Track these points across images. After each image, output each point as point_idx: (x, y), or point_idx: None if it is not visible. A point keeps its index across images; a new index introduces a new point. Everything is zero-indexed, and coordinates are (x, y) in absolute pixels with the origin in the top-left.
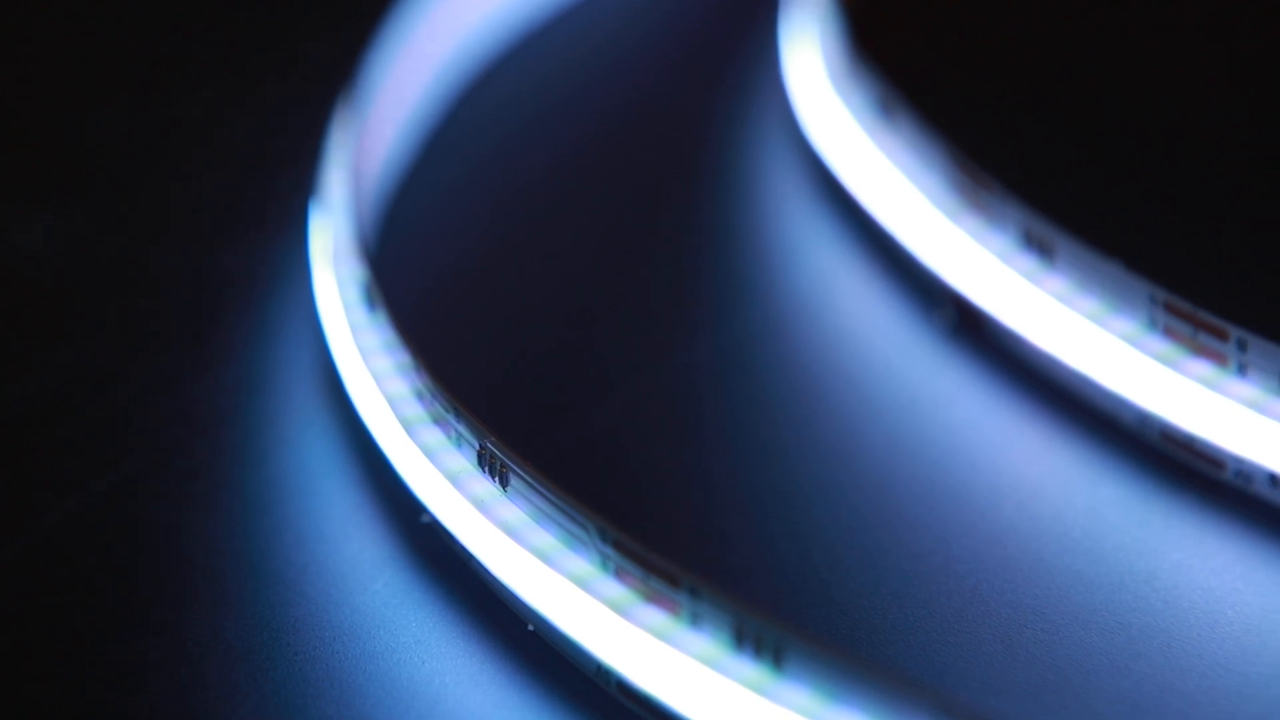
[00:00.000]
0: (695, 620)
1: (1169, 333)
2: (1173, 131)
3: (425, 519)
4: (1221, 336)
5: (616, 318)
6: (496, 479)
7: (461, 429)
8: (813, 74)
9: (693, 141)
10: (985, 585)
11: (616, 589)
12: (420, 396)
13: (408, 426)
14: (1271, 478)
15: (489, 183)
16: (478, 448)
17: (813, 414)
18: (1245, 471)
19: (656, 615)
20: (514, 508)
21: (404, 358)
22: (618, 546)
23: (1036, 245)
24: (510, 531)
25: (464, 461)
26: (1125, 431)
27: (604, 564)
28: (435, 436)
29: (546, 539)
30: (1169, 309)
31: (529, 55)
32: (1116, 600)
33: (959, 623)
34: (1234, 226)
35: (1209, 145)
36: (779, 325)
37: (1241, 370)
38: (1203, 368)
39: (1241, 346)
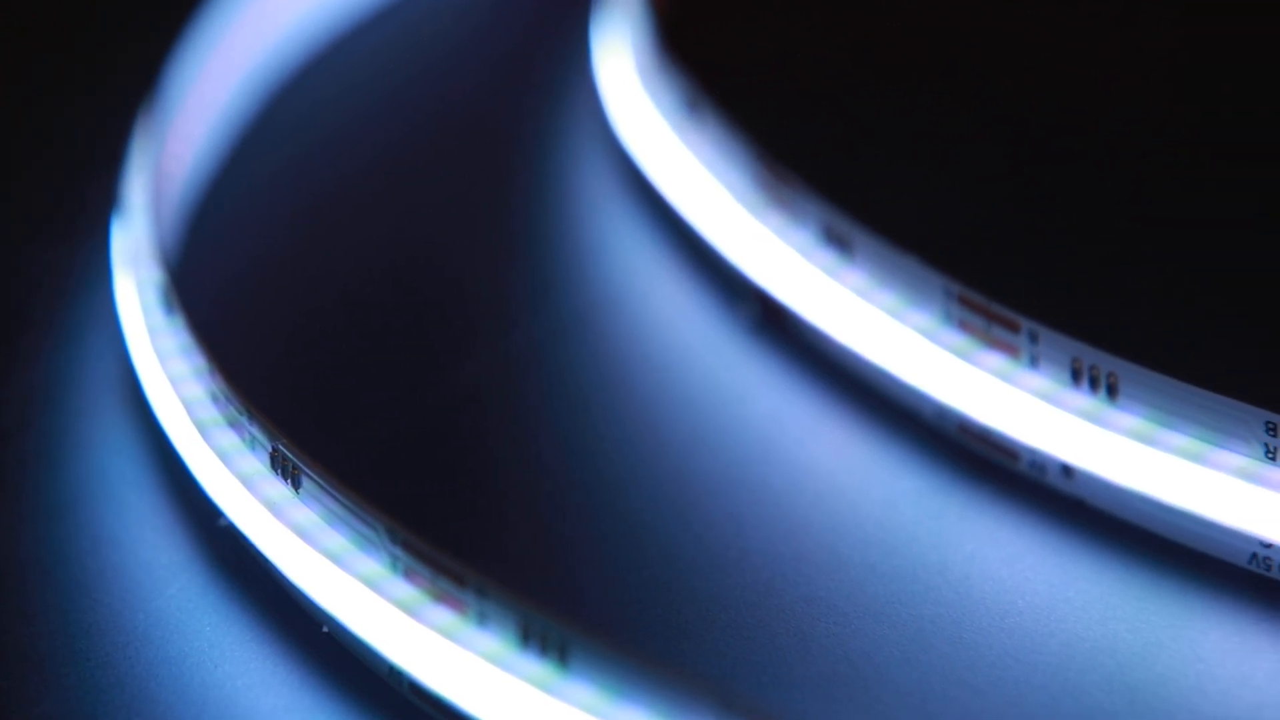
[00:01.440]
0: (482, 619)
1: (964, 326)
2: (965, 127)
3: (222, 523)
4: (1013, 329)
5: (423, 317)
6: (289, 481)
7: (254, 431)
8: (623, 74)
9: (506, 141)
10: (780, 579)
11: (406, 589)
12: (215, 400)
13: (203, 430)
14: (1064, 468)
15: (300, 185)
16: (270, 450)
17: (616, 409)
18: (1039, 462)
19: (444, 615)
20: (306, 510)
21: (199, 361)
22: (406, 547)
23: (836, 241)
24: (302, 533)
25: (257, 464)
26: (924, 424)
27: (393, 565)
28: (230, 439)
29: (338, 540)
30: (963, 302)
31: (343, 57)
32: (908, 592)
33: (753, 616)
34: (1024, 219)
35: (1000, 140)
36: (586, 321)
37: (1033, 362)
38: (996, 360)
39: (1033, 338)
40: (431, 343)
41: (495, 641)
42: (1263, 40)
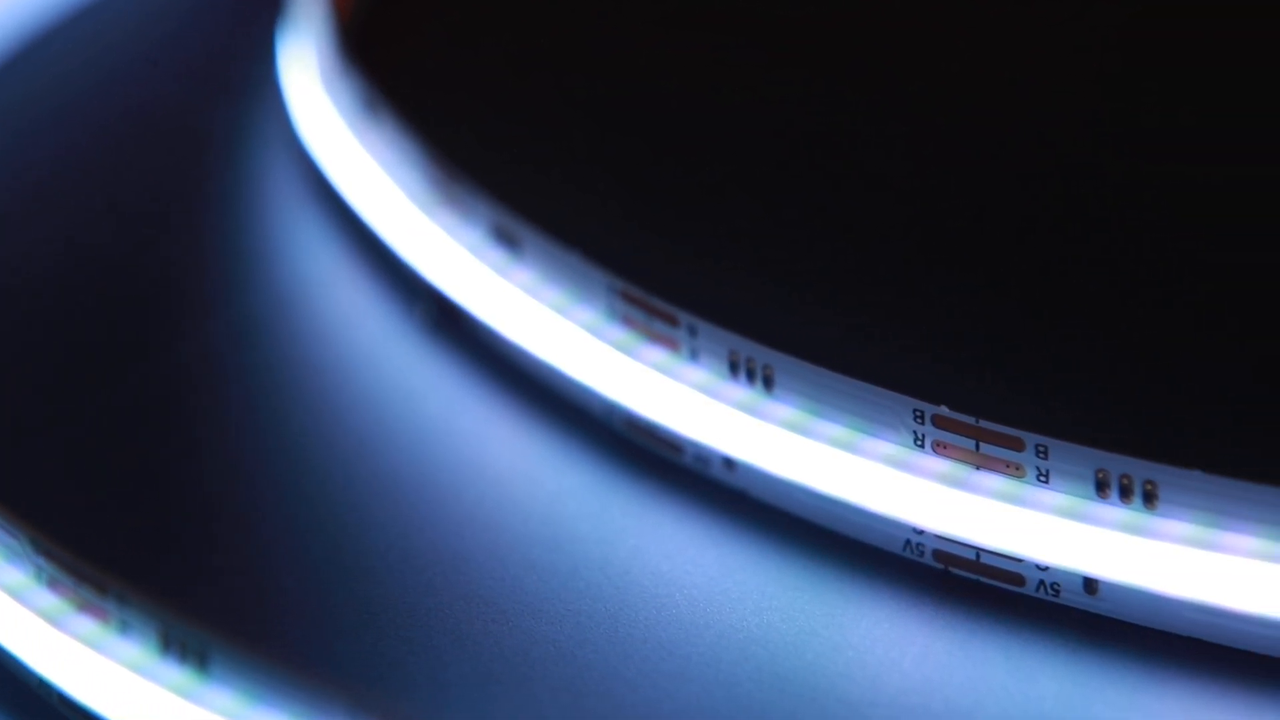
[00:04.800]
0: (124, 628)
1: (627, 321)
2: (629, 126)
3: None
4: (672, 323)
5: (103, 322)
6: None
7: None
8: (306, 77)
9: (193, 144)
10: (440, 579)
11: (50, 599)
12: None
13: None
14: (726, 460)
15: None
16: None
17: (290, 411)
18: (702, 455)
19: (87, 624)
20: None
21: None
22: (49, 557)
23: (505, 239)
24: None
25: None
26: (592, 420)
27: (38, 575)
28: None
29: None
30: (625, 297)
31: (31, 61)
32: (568, 588)
33: (412, 617)
34: (685, 214)
35: (660, 137)
36: (266, 322)
37: (693, 356)
38: (658, 354)
39: (692, 332)
40: (111, 347)
41: (136, 649)
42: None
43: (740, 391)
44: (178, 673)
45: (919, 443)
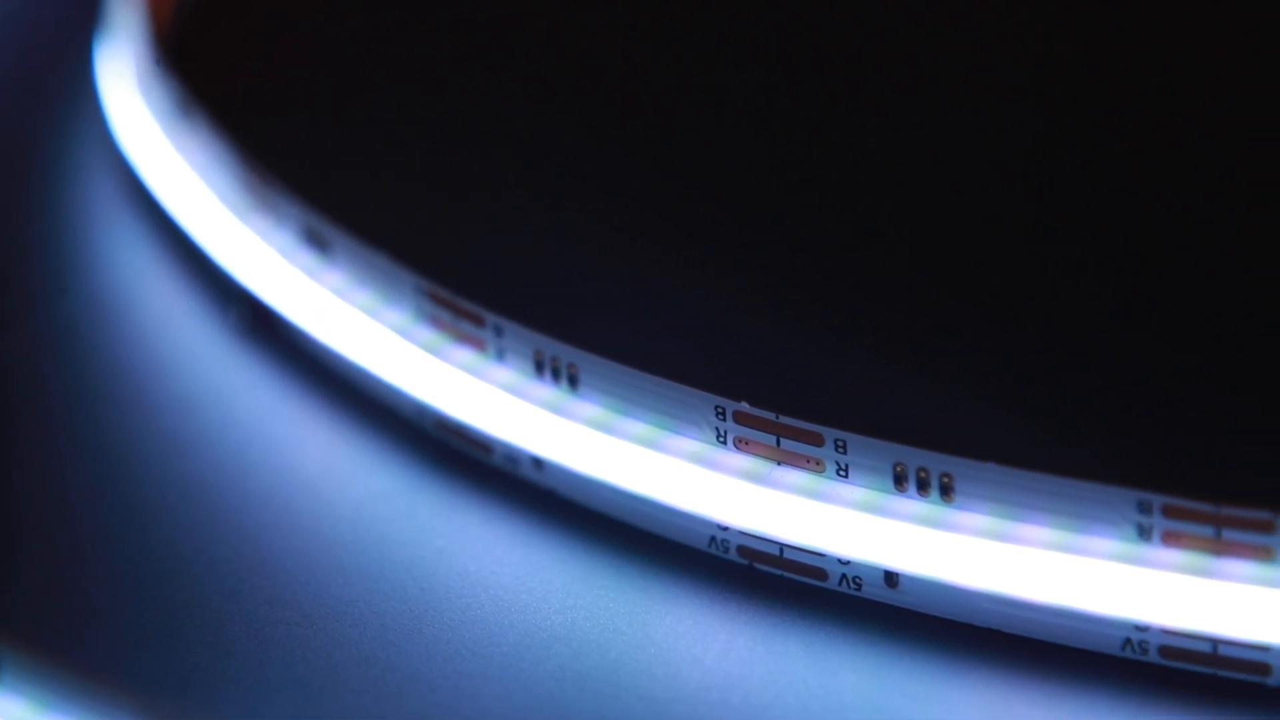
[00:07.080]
0: None
1: (434, 321)
2: (431, 129)
3: None
4: (479, 323)
5: None
6: None
7: None
8: (123, 83)
9: (8, 149)
10: (246, 584)
11: None
12: None
13: None
14: (534, 460)
15: None
16: None
17: (102, 415)
18: (511, 455)
19: None
20: None
21: None
22: None
23: (315, 241)
24: None
25: None
26: (404, 422)
27: None
28: None
29: None
30: (432, 298)
31: None
32: (373, 591)
33: (216, 622)
34: (492, 214)
35: (462, 141)
36: (80, 326)
37: (500, 355)
38: (465, 354)
39: (498, 332)
40: None
41: None
42: None
43: (546, 390)
44: None
45: (721, 439)
